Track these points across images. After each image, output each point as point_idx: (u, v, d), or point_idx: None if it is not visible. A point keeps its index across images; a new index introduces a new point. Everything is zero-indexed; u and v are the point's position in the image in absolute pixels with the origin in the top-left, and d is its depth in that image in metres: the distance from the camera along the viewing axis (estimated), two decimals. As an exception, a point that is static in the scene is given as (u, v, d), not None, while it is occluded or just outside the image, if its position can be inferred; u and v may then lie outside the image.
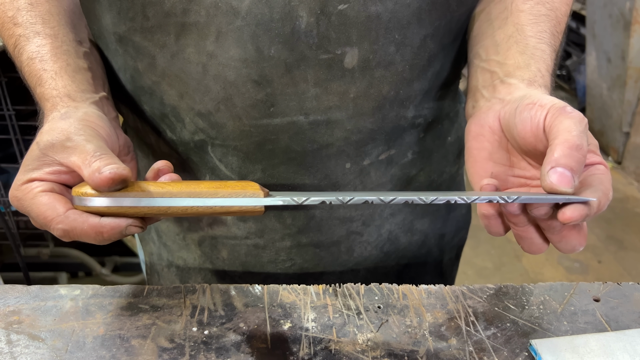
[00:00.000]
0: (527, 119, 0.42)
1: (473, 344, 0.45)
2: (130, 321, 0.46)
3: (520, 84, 0.46)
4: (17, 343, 0.44)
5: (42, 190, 0.42)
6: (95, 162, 0.40)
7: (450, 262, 0.74)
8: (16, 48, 0.49)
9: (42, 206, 0.41)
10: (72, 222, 0.41)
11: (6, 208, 1.40)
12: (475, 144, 0.47)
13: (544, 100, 0.41)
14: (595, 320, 0.47)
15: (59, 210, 0.41)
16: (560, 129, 0.39)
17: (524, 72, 0.46)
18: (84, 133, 0.42)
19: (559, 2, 0.50)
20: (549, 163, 0.38)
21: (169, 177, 0.45)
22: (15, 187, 0.42)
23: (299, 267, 0.61)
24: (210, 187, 0.41)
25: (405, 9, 0.47)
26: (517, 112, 0.43)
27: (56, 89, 0.46)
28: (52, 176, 0.42)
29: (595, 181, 0.40)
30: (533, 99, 0.42)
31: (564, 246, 0.42)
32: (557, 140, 0.38)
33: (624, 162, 2.75)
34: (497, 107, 0.46)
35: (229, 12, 0.44)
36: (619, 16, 2.47)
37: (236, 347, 0.44)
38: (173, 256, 0.66)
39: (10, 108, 1.24)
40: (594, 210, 0.38)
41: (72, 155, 0.41)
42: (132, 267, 1.76)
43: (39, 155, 0.42)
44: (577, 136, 0.38)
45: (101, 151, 0.41)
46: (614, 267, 2.08)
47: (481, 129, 0.47)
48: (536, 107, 0.41)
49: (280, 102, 0.49)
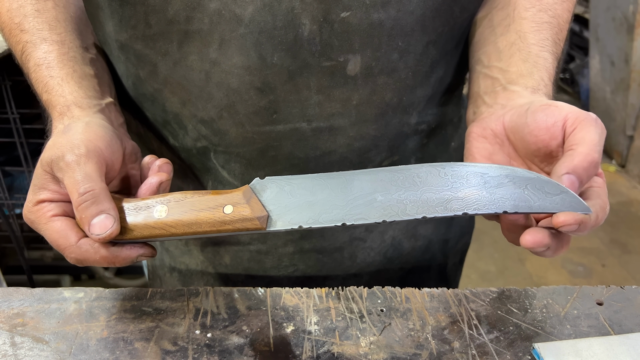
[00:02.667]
0: (542, 118, 0.42)
1: (476, 347, 0.45)
2: (133, 324, 0.47)
3: (524, 92, 0.46)
4: (21, 345, 0.44)
5: (54, 214, 0.42)
6: (82, 211, 0.40)
7: (454, 267, 0.73)
8: (23, 54, 0.49)
9: (54, 233, 0.41)
10: (84, 252, 0.41)
11: (10, 211, 1.41)
12: (476, 144, 0.47)
13: (559, 104, 0.42)
14: (599, 324, 0.47)
15: (71, 240, 0.41)
16: (587, 139, 0.39)
17: (527, 80, 0.47)
18: (77, 152, 0.41)
19: (561, 9, 0.51)
20: (567, 168, 0.38)
21: (158, 177, 0.45)
22: (27, 209, 0.43)
23: (301, 273, 0.61)
24: (210, 219, 0.41)
25: (409, 17, 0.47)
26: (529, 112, 0.43)
27: (63, 96, 0.47)
28: (59, 195, 0.42)
29: (593, 194, 0.40)
30: (547, 102, 0.42)
31: (548, 254, 0.41)
32: (580, 148, 0.39)
33: (627, 166, 2.75)
34: (500, 112, 0.46)
35: (232, 19, 0.45)
36: (622, 19, 2.47)
37: (239, 350, 0.44)
38: (175, 261, 0.66)
39: (14, 111, 1.25)
40: (591, 224, 0.38)
41: (64, 177, 0.41)
42: (135, 270, 1.77)
43: (42, 173, 0.42)
44: (598, 152, 0.38)
45: (86, 185, 0.40)
46: (618, 271, 2.08)
47: (483, 131, 0.46)
48: (552, 108, 0.41)
49: (283, 109, 0.49)
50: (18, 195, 1.43)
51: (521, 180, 0.39)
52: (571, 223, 0.37)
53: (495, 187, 0.39)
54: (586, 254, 2.17)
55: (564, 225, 0.37)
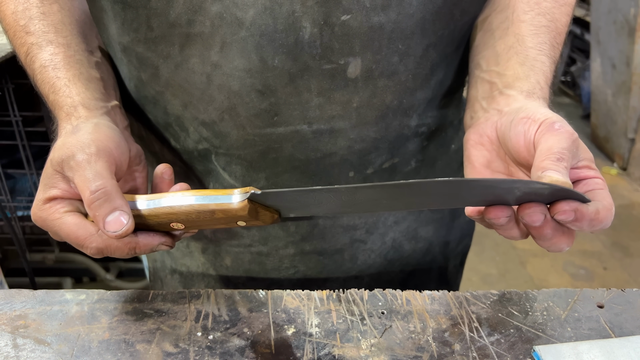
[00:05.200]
0: (520, 132, 0.42)
1: (476, 349, 0.45)
2: (135, 326, 0.47)
3: (519, 96, 0.46)
4: (23, 347, 0.44)
5: (67, 211, 0.42)
6: (95, 209, 0.40)
7: (454, 270, 0.73)
8: (28, 56, 0.49)
9: (72, 226, 0.41)
10: (106, 240, 0.41)
11: (12, 213, 1.41)
12: (474, 152, 0.47)
13: (538, 115, 0.42)
14: (599, 327, 0.47)
15: (90, 230, 0.41)
16: (543, 149, 0.39)
17: (523, 84, 0.47)
18: (88, 151, 0.42)
19: (560, 13, 0.51)
20: (539, 169, 0.38)
21: (179, 186, 0.45)
22: (37, 207, 0.43)
23: (302, 275, 0.62)
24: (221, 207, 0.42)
25: (409, 19, 0.47)
26: (512, 125, 0.43)
27: (70, 97, 0.47)
28: (69, 193, 0.42)
29: (597, 196, 0.39)
30: (528, 113, 0.42)
31: (553, 249, 0.41)
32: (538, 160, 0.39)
33: (629, 169, 2.74)
34: (495, 118, 0.46)
35: (233, 22, 0.45)
36: (623, 22, 2.47)
37: (240, 352, 0.44)
38: (176, 263, 0.66)
39: (17, 114, 1.25)
40: (589, 216, 0.38)
41: (74, 176, 0.41)
42: (136, 273, 1.77)
43: (52, 173, 0.42)
44: (558, 152, 0.38)
45: (97, 183, 0.40)
46: (620, 274, 2.07)
47: (480, 138, 0.47)
48: (530, 122, 0.42)
49: (284, 112, 0.49)
50: (20, 198, 1.43)
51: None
52: (567, 210, 0.37)
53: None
54: (588, 257, 2.17)
55: (558, 213, 0.37)
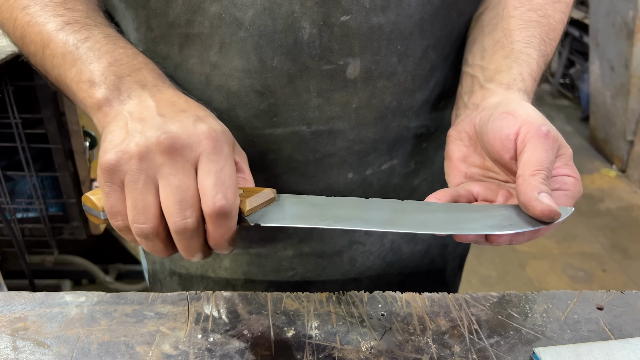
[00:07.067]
0: (498, 128, 0.42)
1: (476, 352, 0.45)
2: (134, 328, 0.47)
3: (498, 89, 0.46)
4: (23, 349, 0.44)
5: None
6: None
7: (453, 272, 0.73)
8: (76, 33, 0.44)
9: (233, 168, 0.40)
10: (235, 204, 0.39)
11: (11, 215, 1.41)
12: (453, 147, 0.48)
13: (519, 111, 0.42)
14: (599, 329, 0.47)
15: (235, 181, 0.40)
16: (532, 159, 0.39)
17: (504, 76, 0.47)
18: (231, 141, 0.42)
19: (552, 9, 0.50)
20: (535, 189, 0.38)
21: None
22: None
23: (300, 276, 0.62)
24: None
25: (408, 20, 0.47)
26: (491, 119, 0.43)
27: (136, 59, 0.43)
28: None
29: (558, 199, 0.40)
30: (507, 108, 0.42)
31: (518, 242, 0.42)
32: (527, 169, 0.39)
33: (628, 171, 2.75)
34: (474, 114, 0.46)
35: (232, 23, 0.45)
36: (622, 25, 2.47)
37: (240, 354, 0.44)
38: (175, 265, 0.66)
39: (16, 116, 1.25)
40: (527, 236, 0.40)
41: (236, 153, 0.42)
42: (135, 275, 1.77)
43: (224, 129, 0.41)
44: (547, 168, 0.39)
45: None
46: (619, 276, 2.07)
47: (459, 134, 0.47)
48: (509, 117, 0.42)
49: (283, 113, 0.49)
50: (19, 200, 1.43)
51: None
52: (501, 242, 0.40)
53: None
54: (587, 259, 2.17)
55: (495, 243, 0.40)
